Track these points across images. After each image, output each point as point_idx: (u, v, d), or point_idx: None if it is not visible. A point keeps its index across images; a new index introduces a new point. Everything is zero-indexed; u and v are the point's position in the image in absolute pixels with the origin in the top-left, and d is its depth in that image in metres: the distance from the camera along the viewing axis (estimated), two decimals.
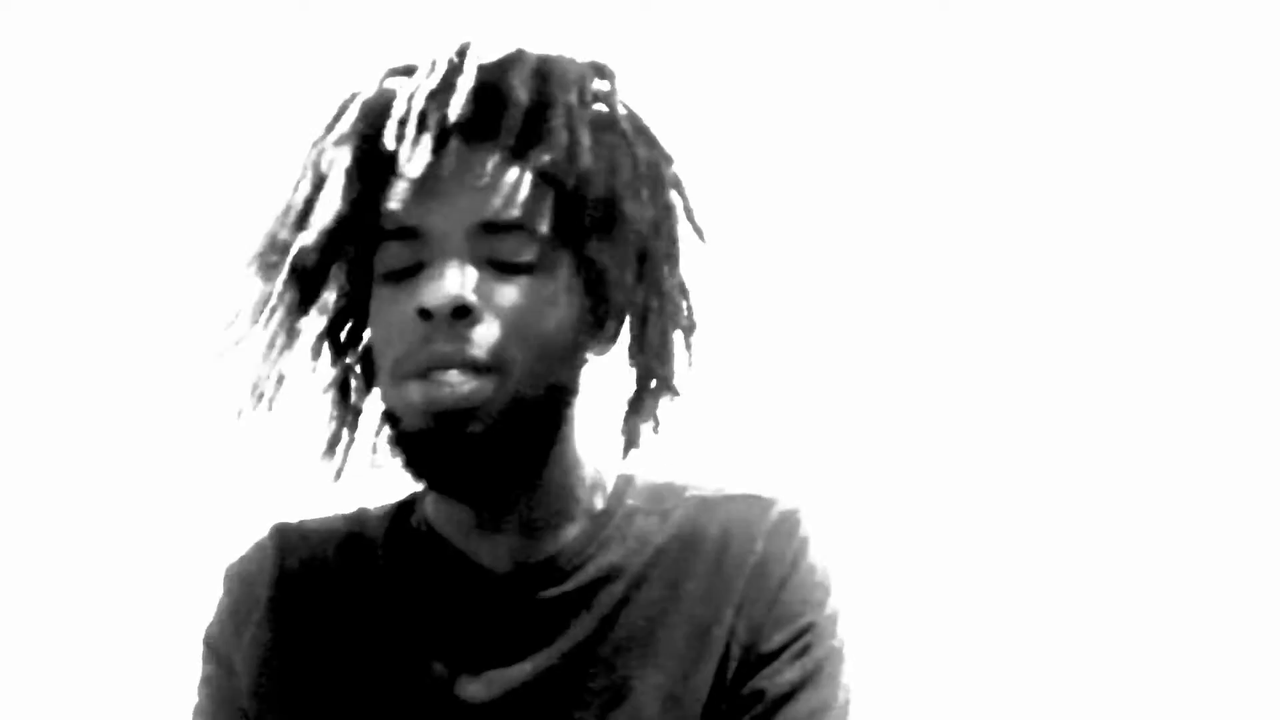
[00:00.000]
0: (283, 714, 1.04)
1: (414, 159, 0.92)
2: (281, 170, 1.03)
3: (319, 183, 0.97)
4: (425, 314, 0.92)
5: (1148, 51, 2.23)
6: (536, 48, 1.01)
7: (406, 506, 1.10)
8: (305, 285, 0.99)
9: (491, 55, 0.98)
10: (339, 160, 0.95)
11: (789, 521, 1.02)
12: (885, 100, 2.26)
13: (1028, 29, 2.25)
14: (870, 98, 2.25)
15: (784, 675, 0.98)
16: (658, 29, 2.14)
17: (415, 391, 0.93)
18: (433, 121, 0.93)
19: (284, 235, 0.97)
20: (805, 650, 0.98)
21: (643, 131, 1.01)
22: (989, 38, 2.25)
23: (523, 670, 0.99)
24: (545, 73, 0.97)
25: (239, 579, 1.11)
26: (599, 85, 1.00)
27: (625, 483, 1.06)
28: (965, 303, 2.27)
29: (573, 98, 0.96)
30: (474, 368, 0.92)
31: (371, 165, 0.95)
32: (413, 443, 0.95)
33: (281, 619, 1.07)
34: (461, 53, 0.97)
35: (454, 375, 0.91)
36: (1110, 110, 2.25)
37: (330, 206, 0.95)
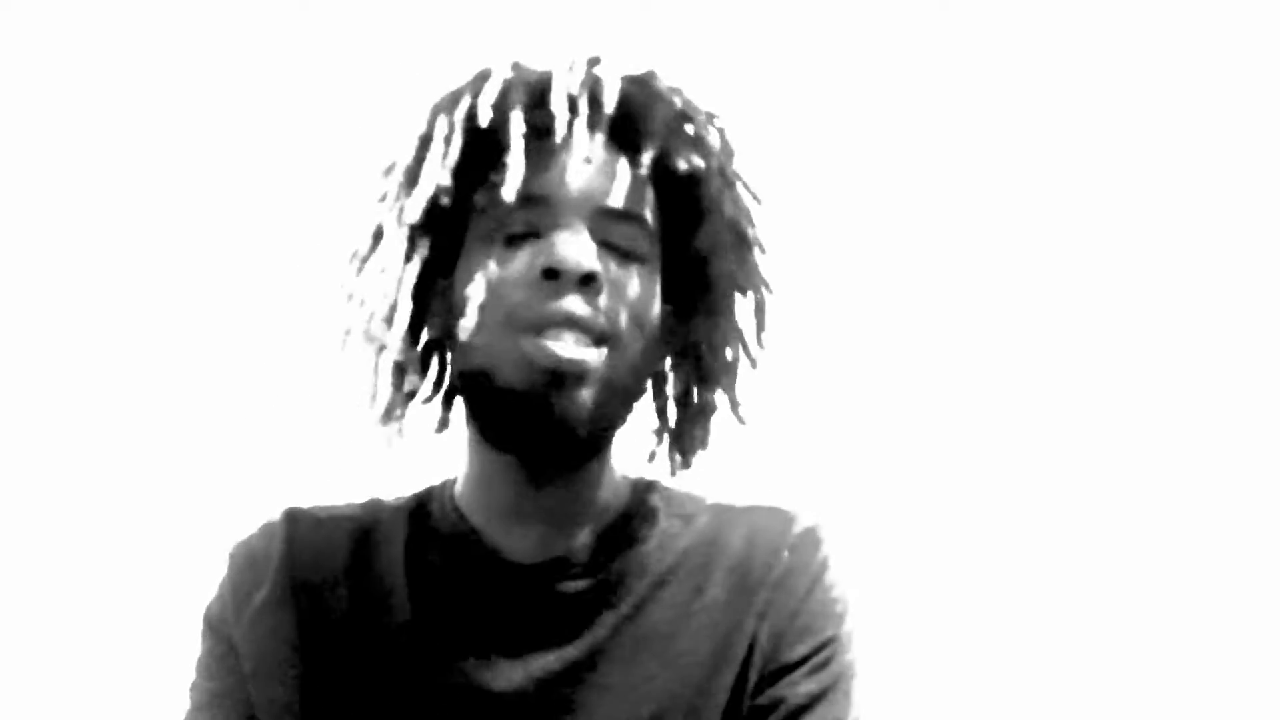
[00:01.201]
0: (290, 699, 1.02)
1: (573, 136, 0.96)
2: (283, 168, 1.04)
3: (450, 137, 0.98)
4: (552, 274, 0.93)
5: (1147, 52, 2.27)
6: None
7: (426, 497, 1.10)
8: (437, 234, 1.00)
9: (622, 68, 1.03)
10: (515, 123, 0.97)
11: (812, 536, 1.04)
12: (883, 101, 2.28)
13: (1028, 29, 2.29)
14: (868, 98, 2.28)
15: (803, 686, 0.99)
16: (658, 29, 2.17)
17: (532, 345, 0.93)
18: (581, 106, 0.97)
19: (444, 193, 0.98)
20: (825, 664, 1.00)
21: (727, 145, 1.05)
22: (989, 38, 2.28)
23: (546, 661, 0.99)
24: (647, 78, 1.02)
25: (244, 557, 1.09)
26: (691, 101, 1.05)
27: (647, 487, 1.08)
28: (965, 304, 2.28)
29: (674, 103, 1.01)
30: (593, 335, 0.94)
31: (491, 136, 0.98)
32: (513, 399, 0.94)
33: (289, 602, 1.05)
34: (593, 60, 1.01)
35: (572, 336, 0.93)
36: (1110, 110, 2.29)
37: (521, 162, 0.95)
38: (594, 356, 0.93)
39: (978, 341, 2.28)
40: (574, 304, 0.93)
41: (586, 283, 0.94)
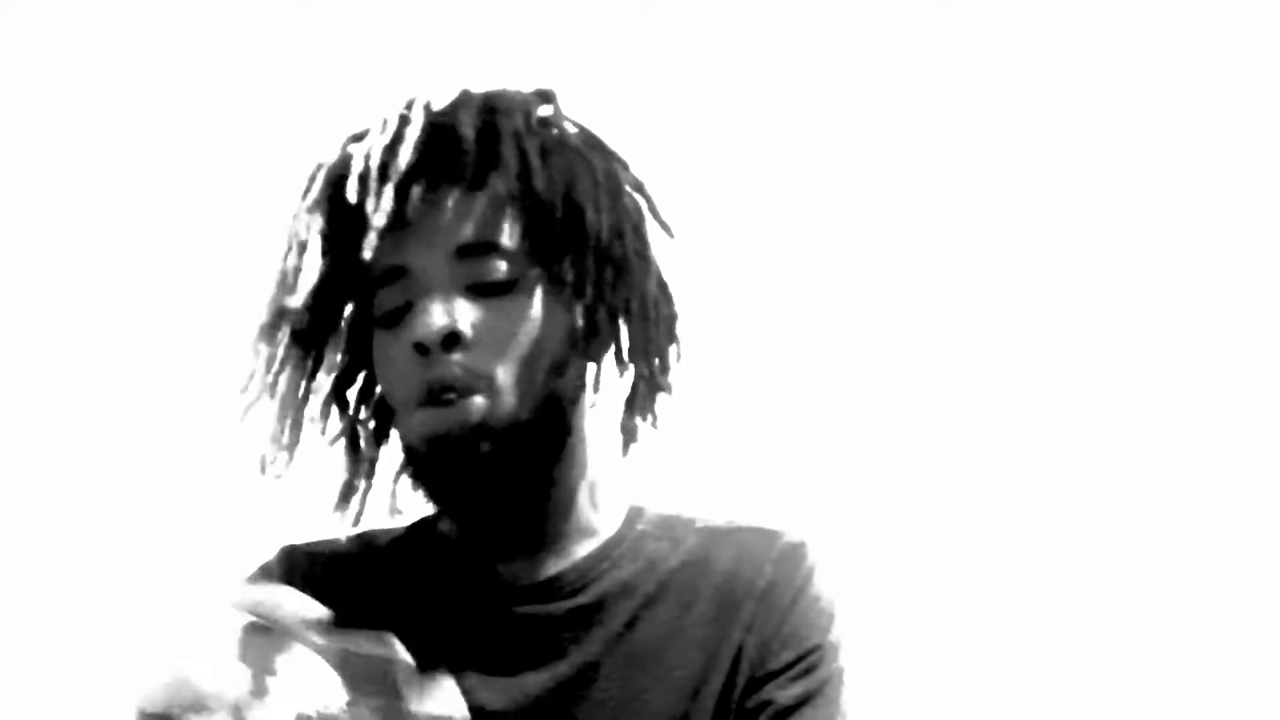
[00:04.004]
0: None
1: (380, 208, 0.99)
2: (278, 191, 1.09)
3: (301, 249, 1.03)
4: (420, 348, 0.98)
5: (1147, 52, 2.28)
6: (483, 84, 1.08)
7: (419, 526, 1.13)
8: (308, 346, 1.06)
9: (442, 101, 1.05)
10: (314, 225, 1.02)
11: (797, 551, 1.06)
12: (878, 101, 2.30)
13: (1028, 29, 2.30)
14: (864, 98, 2.29)
15: (788, 690, 1.01)
16: (652, 32, 2.18)
17: (420, 419, 0.98)
18: (392, 170, 1.00)
19: (279, 303, 1.04)
20: (810, 670, 1.02)
21: (594, 144, 1.08)
22: (989, 38, 2.30)
23: (537, 680, 1.01)
24: (490, 106, 1.04)
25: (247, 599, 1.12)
26: (544, 110, 1.07)
27: (636, 511, 1.11)
28: (965, 305, 2.29)
29: (519, 123, 1.03)
30: (470, 390, 0.97)
31: (348, 224, 1.02)
32: (426, 468, 1.00)
33: None
34: (409, 105, 1.04)
35: (455, 400, 0.97)
36: (1110, 110, 2.31)
37: (312, 270, 1.01)
38: (479, 408, 0.96)
39: (969, 350, 2.29)
40: (444, 369, 0.97)
41: (452, 344, 0.97)
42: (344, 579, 1.10)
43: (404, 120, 1.02)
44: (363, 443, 1.11)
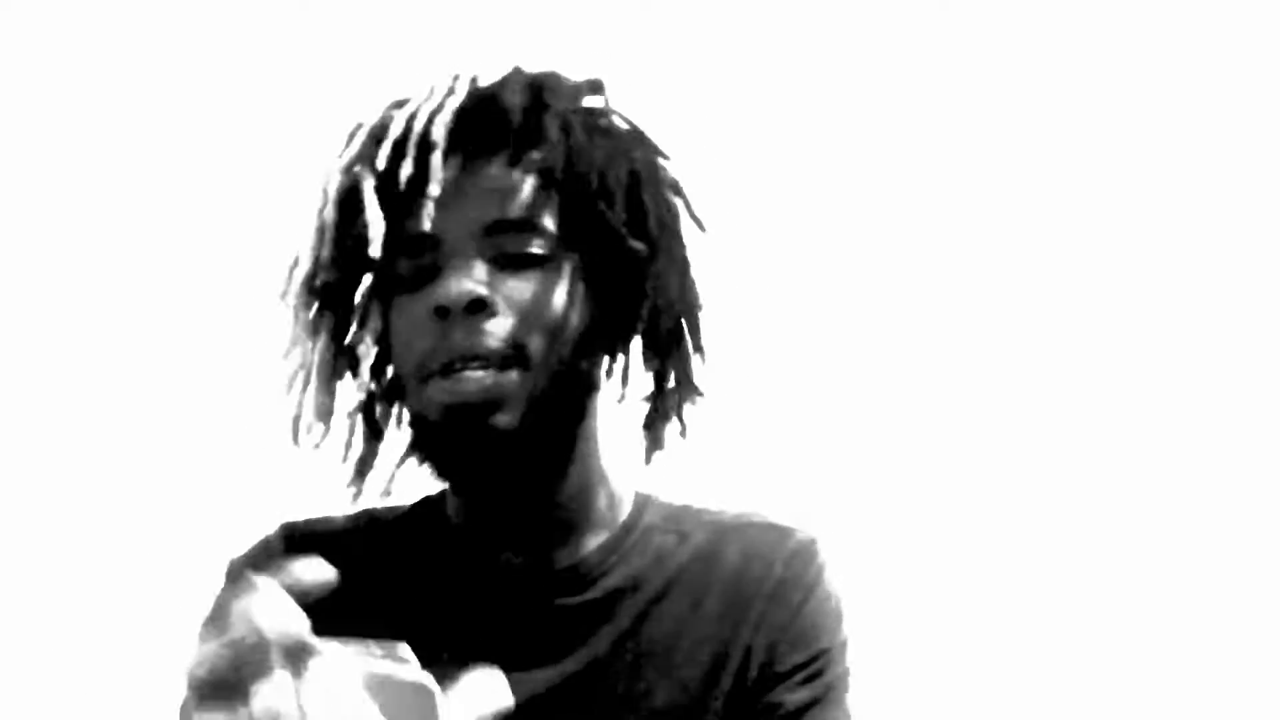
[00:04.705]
0: None
1: (417, 174, 0.97)
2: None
3: (339, 203, 1.00)
4: (442, 312, 0.95)
5: (1147, 52, 2.27)
6: (533, 68, 1.06)
7: (424, 506, 1.11)
8: (335, 308, 1.03)
9: (490, 77, 1.03)
10: (365, 183, 0.98)
11: (807, 550, 1.05)
12: (885, 101, 2.28)
13: (1028, 29, 2.29)
14: (868, 98, 2.28)
15: (797, 694, 1.01)
16: (657, 29, 2.16)
17: (437, 389, 0.95)
18: (433, 137, 0.97)
19: (313, 263, 1.01)
20: (819, 673, 1.02)
21: (639, 136, 1.06)
22: (989, 38, 2.28)
23: (545, 676, 1.01)
24: (539, 85, 1.02)
25: (243, 573, 1.10)
26: (592, 99, 1.05)
27: (644, 501, 1.09)
28: (958, 314, 2.29)
29: (565, 104, 1.01)
30: (494, 360, 0.94)
31: (384, 188, 0.99)
32: (438, 440, 0.97)
33: None
34: (455, 76, 1.02)
35: (475, 369, 0.94)
36: (1109, 111, 2.29)
37: (375, 226, 0.97)
38: (503, 380, 0.94)
39: (971, 351, 2.29)
40: (466, 336, 0.94)
41: (475, 310, 0.94)
42: (344, 559, 1.08)
43: (449, 90, 1.00)
44: (378, 415, 1.08)
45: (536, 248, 0.97)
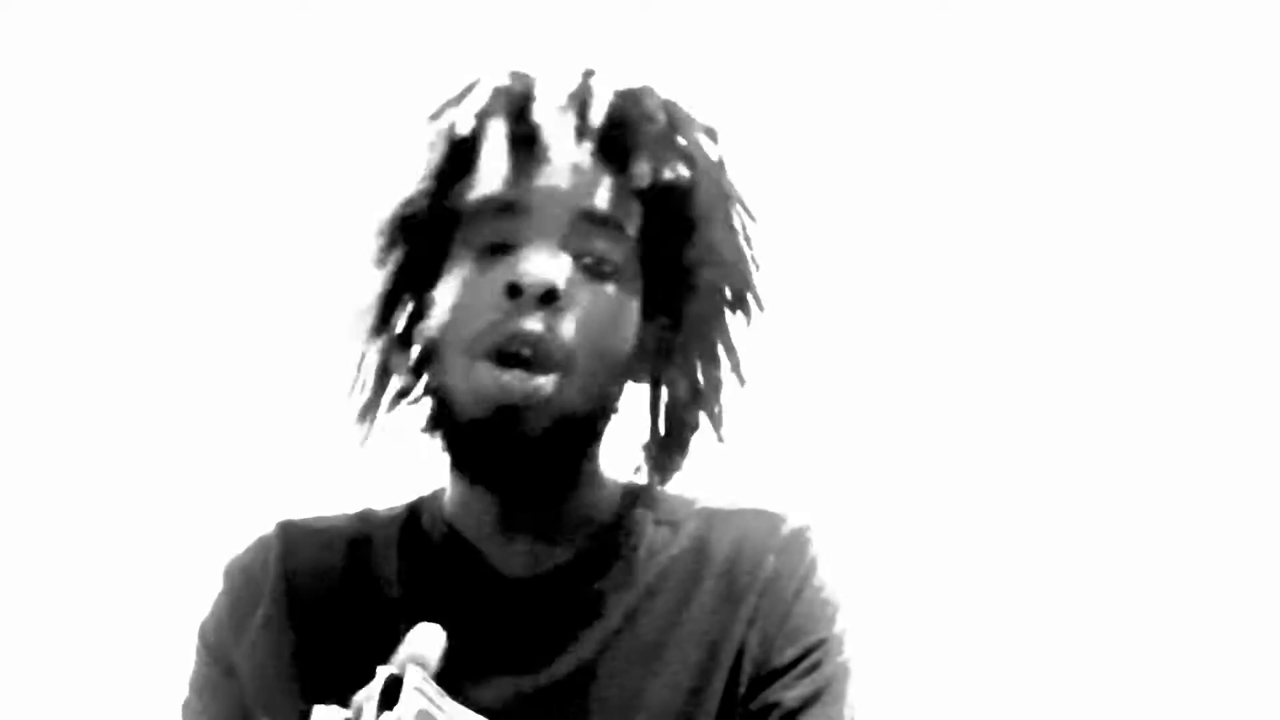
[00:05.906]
0: (291, 717, 1.02)
1: (557, 143, 0.96)
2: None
3: (455, 150, 0.99)
4: (514, 290, 0.93)
5: (1147, 52, 2.25)
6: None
7: (418, 508, 1.10)
8: (414, 250, 1.01)
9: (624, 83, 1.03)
10: (491, 126, 0.97)
11: (800, 538, 1.03)
12: (885, 102, 2.27)
13: (1028, 29, 2.27)
14: (870, 99, 2.27)
15: (795, 690, 0.98)
16: (659, 29, 2.15)
17: (487, 375, 0.93)
18: (590, 113, 0.97)
19: (407, 198, 0.99)
20: (816, 666, 0.99)
21: (731, 194, 1.05)
22: (989, 38, 2.27)
23: (535, 678, 0.99)
24: (675, 108, 1.02)
25: (241, 574, 1.09)
26: (713, 146, 1.04)
27: (634, 493, 1.07)
28: (956, 310, 2.28)
29: (698, 135, 1.02)
30: (549, 359, 0.93)
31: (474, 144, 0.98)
32: (468, 430, 0.95)
33: (288, 620, 1.05)
34: (589, 72, 1.01)
35: (527, 365, 0.92)
36: (1109, 111, 2.27)
37: (500, 163, 0.96)
38: (547, 386, 0.92)
39: (969, 345, 2.27)
40: (533, 324, 0.92)
41: (548, 300, 0.93)
42: (339, 558, 1.08)
43: (588, 74, 1.00)
44: (393, 366, 1.05)
45: (617, 255, 0.97)
